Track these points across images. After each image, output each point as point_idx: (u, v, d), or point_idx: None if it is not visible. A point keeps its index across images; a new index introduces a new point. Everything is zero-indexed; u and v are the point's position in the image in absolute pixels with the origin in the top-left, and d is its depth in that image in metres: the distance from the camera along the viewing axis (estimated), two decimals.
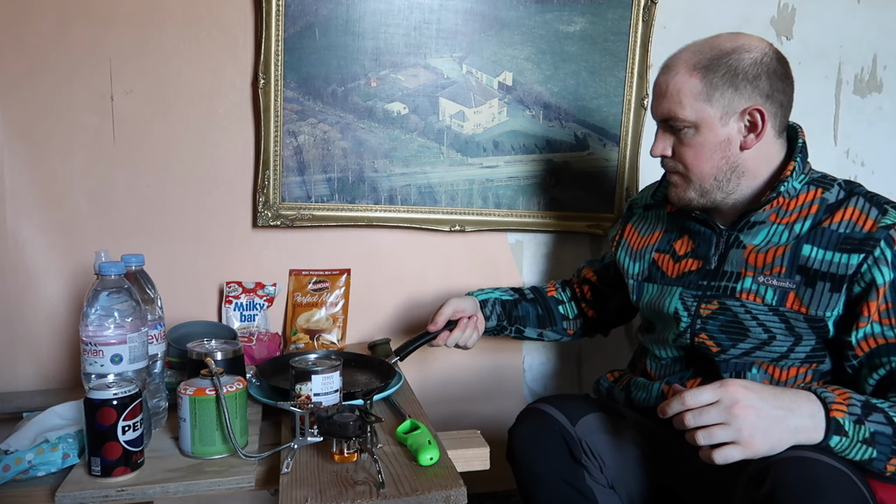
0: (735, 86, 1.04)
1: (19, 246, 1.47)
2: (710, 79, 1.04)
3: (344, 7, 1.51)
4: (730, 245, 1.12)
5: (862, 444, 0.88)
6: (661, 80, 1.10)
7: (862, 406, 0.91)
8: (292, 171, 1.54)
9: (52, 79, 1.45)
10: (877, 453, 0.88)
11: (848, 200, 1.05)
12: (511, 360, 1.76)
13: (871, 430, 0.89)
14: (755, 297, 1.07)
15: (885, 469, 0.89)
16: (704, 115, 1.05)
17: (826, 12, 1.82)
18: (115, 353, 0.97)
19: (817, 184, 1.08)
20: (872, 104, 1.90)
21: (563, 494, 1.09)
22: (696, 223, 1.17)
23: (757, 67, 1.05)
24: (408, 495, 0.84)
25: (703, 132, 1.06)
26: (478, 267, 1.71)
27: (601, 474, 1.12)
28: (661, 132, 1.12)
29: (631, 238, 1.29)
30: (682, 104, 1.06)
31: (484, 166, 1.64)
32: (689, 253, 1.18)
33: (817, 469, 0.85)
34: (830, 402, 0.90)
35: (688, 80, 1.05)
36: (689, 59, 1.07)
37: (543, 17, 1.60)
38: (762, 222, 1.09)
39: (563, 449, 1.11)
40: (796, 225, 1.06)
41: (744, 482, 0.90)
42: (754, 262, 1.08)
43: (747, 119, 1.06)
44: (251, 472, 0.93)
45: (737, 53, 1.05)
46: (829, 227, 1.03)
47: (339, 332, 1.58)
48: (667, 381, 1.16)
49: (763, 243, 1.08)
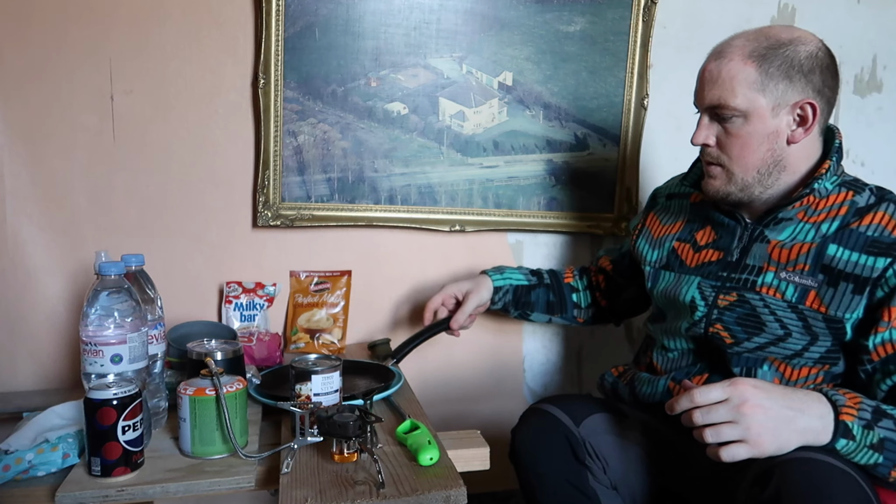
0: (790, 77, 1.03)
1: (19, 246, 1.47)
2: (765, 68, 1.02)
3: (344, 7, 1.51)
4: (753, 239, 1.11)
5: (869, 449, 0.88)
6: (712, 66, 1.06)
7: (873, 411, 0.90)
8: (292, 171, 1.54)
9: (52, 79, 1.45)
10: (883, 459, 0.88)
11: (879, 205, 1.03)
12: (511, 360, 1.76)
13: (881, 436, 0.88)
14: (775, 292, 1.06)
15: (889, 475, 0.89)
16: (757, 104, 1.04)
17: (826, 12, 1.82)
18: (115, 353, 0.97)
19: (849, 186, 1.07)
20: (872, 104, 1.90)
21: (566, 495, 1.09)
22: (721, 214, 1.15)
23: (812, 61, 1.04)
24: (408, 495, 0.84)
25: (753, 122, 1.04)
26: (478, 267, 1.70)
27: (604, 475, 1.12)
28: (706, 121, 1.09)
29: (653, 226, 1.29)
30: (735, 92, 1.03)
31: (484, 166, 1.64)
32: (711, 244, 1.17)
33: (823, 470, 0.84)
34: (841, 404, 0.90)
35: (742, 68, 1.03)
36: (745, 46, 1.04)
37: (543, 17, 1.60)
38: (790, 219, 1.08)
39: (567, 449, 1.10)
40: (823, 225, 1.05)
41: (748, 483, 0.90)
42: (777, 257, 1.07)
43: (797, 112, 1.05)
44: (251, 472, 0.93)
45: (793, 45, 1.04)
46: (858, 229, 1.02)
47: (339, 332, 1.58)
48: (673, 377, 1.15)
49: (788, 240, 1.07)
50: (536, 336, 1.76)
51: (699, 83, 1.10)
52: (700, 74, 1.10)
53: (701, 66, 1.11)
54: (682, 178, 1.28)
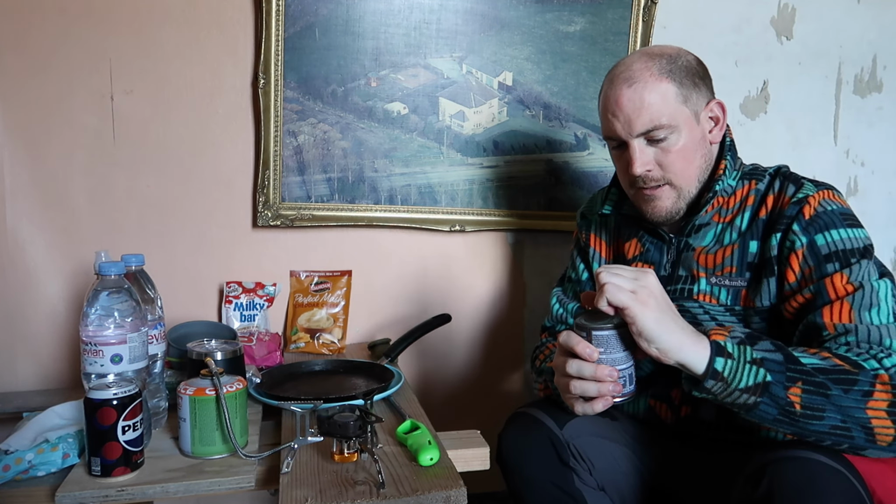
0: (696, 84, 1.07)
1: (19, 246, 1.47)
2: (678, 80, 1.06)
3: (344, 7, 1.51)
4: (680, 251, 1.13)
5: (751, 364, 0.86)
6: (629, 94, 1.05)
7: (746, 336, 0.90)
8: (292, 170, 1.54)
9: (52, 79, 1.45)
10: (771, 377, 0.86)
11: (773, 186, 1.07)
12: (511, 360, 1.76)
13: (759, 355, 0.87)
14: (710, 297, 1.08)
15: (787, 397, 0.85)
16: (684, 115, 1.06)
17: (826, 12, 1.82)
18: (115, 353, 0.97)
19: (750, 176, 1.10)
20: (872, 104, 1.90)
21: (552, 497, 1.09)
22: (647, 234, 1.17)
23: (700, 66, 1.10)
24: (408, 495, 0.84)
25: (685, 133, 1.06)
26: (478, 267, 1.71)
27: (590, 476, 1.12)
28: (639, 148, 1.07)
29: (601, 249, 1.27)
30: (663, 110, 1.05)
31: (484, 166, 1.64)
32: (639, 256, 1.18)
33: (815, 469, 0.84)
34: (710, 328, 0.91)
35: (662, 86, 1.05)
36: (648, 67, 1.06)
37: (543, 17, 1.60)
38: (707, 224, 1.10)
39: (551, 452, 1.10)
40: (737, 220, 1.08)
41: (740, 482, 0.90)
42: (705, 262, 1.09)
43: (709, 114, 1.09)
44: (251, 472, 0.93)
45: (681, 57, 1.08)
46: (762, 217, 1.06)
47: (339, 332, 1.58)
48: (652, 396, 1.15)
49: (711, 244, 1.10)
50: (536, 336, 1.75)
51: (620, 114, 1.06)
52: (616, 105, 1.06)
53: (609, 98, 1.07)
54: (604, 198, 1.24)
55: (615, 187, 1.22)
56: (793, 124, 1.85)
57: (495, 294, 1.73)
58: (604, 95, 1.10)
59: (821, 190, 1.02)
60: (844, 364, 0.87)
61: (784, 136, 1.85)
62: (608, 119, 1.09)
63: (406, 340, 1.42)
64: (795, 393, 0.85)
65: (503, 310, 1.74)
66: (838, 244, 0.98)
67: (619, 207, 1.23)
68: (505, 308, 1.74)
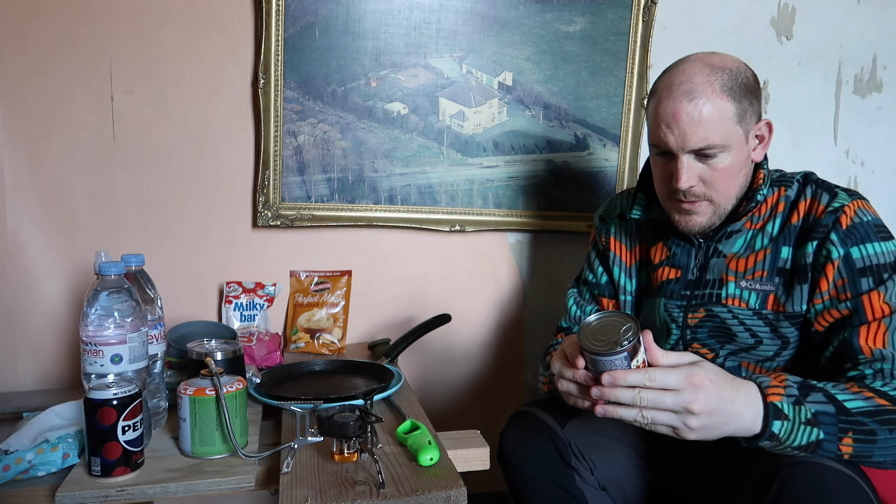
0: (751, 102, 1.04)
1: (19, 246, 1.47)
2: (738, 99, 1.02)
3: (344, 7, 1.51)
4: (709, 256, 1.12)
5: (806, 424, 0.87)
6: (689, 108, 1.00)
7: (799, 387, 0.89)
8: (292, 171, 1.54)
9: (52, 79, 1.45)
10: (824, 434, 0.87)
11: (804, 192, 1.07)
12: (511, 360, 1.76)
13: (813, 410, 0.87)
14: (740, 301, 1.08)
15: (839, 450, 0.87)
16: (737, 136, 1.03)
17: (826, 12, 1.82)
18: (115, 353, 0.97)
19: (779, 183, 1.10)
20: (872, 104, 1.90)
21: (553, 497, 1.09)
22: (677, 238, 1.15)
23: (756, 83, 1.06)
24: (408, 495, 0.83)
25: (735, 153, 1.04)
26: (478, 267, 1.71)
27: (592, 476, 1.12)
28: (687, 162, 1.03)
29: (621, 253, 1.26)
30: (720, 129, 1.01)
31: (484, 166, 1.64)
32: (666, 261, 1.17)
33: (824, 474, 0.84)
34: (766, 385, 0.89)
35: (722, 104, 1.01)
36: (711, 81, 1.01)
37: (543, 17, 1.60)
38: (738, 231, 1.10)
39: (552, 452, 1.10)
40: (768, 226, 1.08)
41: (749, 487, 0.90)
42: (735, 267, 1.09)
43: (757, 132, 1.07)
44: (251, 472, 0.93)
45: (741, 73, 1.04)
46: (795, 224, 1.06)
47: (339, 332, 1.58)
48: None
49: (742, 249, 1.09)
50: (537, 336, 1.76)
51: (675, 127, 1.02)
52: (672, 118, 1.01)
53: (665, 108, 1.02)
54: (630, 204, 1.23)
55: (641, 191, 1.19)
56: (793, 124, 1.85)
57: (495, 294, 1.73)
58: (658, 103, 1.04)
59: (854, 199, 1.02)
60: (886, 403, 0.89)
61: (784, 135, 1.85)
62: (661, 129, 1.03)
63: (406, 340, 1.43)
64: (847, 444, 0.87)
65: (503, 310, 1.74)
66: (872, 258, 0.99)
67: (648, 212, 1.20)
68: (505, 308, 1.74)
